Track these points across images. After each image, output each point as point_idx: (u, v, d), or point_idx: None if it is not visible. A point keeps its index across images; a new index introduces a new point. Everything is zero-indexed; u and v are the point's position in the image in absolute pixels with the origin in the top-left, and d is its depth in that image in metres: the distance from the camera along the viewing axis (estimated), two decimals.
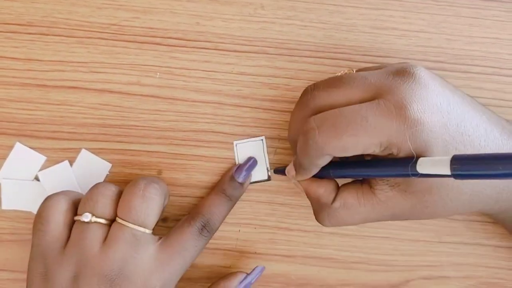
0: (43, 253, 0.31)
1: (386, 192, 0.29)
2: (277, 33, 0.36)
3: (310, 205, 0.34)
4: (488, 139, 0.28)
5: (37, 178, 0.36)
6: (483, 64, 0.37)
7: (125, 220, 0.31)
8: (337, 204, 0.31)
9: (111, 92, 0.36)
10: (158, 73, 0.36)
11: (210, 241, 0.36)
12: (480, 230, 0.37)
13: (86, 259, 0.30)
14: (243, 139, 0.36)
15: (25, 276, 0.36)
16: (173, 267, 0.32)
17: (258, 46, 0.36)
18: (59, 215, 0.31)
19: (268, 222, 0.37)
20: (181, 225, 0.33)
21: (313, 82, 0.35)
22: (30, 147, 0.36)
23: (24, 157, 0.36)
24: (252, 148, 0.37)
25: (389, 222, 0.37)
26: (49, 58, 0.36)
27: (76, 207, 0.32)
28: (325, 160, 0.29)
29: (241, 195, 0.36)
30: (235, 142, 0.36)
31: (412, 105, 0.27)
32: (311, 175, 0.31)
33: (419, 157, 0.26)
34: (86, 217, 0.31)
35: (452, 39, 0.37)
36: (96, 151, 0.36)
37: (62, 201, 0.32)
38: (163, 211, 0.33)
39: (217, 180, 0.37)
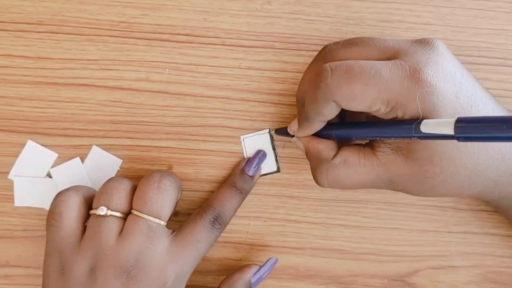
0: (58, 248, 0.31)
1: (388, 155, 0.29)
2: (283, 28, 0.37)
3: (319, 198, 0.34)
4: None
5: (49, 175, 0.37)
6: (489, 55, 0.37)
7: (140, 212, 0.31)
8: (337, 160, 0.31)
9: (121, 89, 0.36)
10: (167, 69, 0.36)
11: (221, 234, 0.36)
12: (487, 220, 0.37)
13: (102, 252, 0.31)
14: (250, 133, 0.37)
15: (38, 272, 0.37)
16: (187, 258, 0.32)
17: (265, 40, 0.37)
18: (72, 210, 0.32)
19: (278, 215, 0.37)
20: (194, 218, 0.33)
21: None
22: (42, 145, 0.37)
23: (36, 155, 0.37)
24: (259, 141, 0.37)
25: (398, 213, 0.37)
26: (59, 56, 0.36)
27: (87, 201, 0.33)
28: (331, 110, 0.29)
29: (252, 188, 0.37)
30: (242, 137, 0.37)
31: (427, 68, 0.27)
32: (314, 130, 0.31)
33: (424, 118, 0.26)
34: (102, 210, 0.31)
35: (458, 31, 0.37)
36: (107, 147, 0.37)
37: (74, 196, 0.32)
38: (176, 205, 0.34)
39: (226, 174, 0.37)
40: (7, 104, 0.36)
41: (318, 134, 0.32)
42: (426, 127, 0.26)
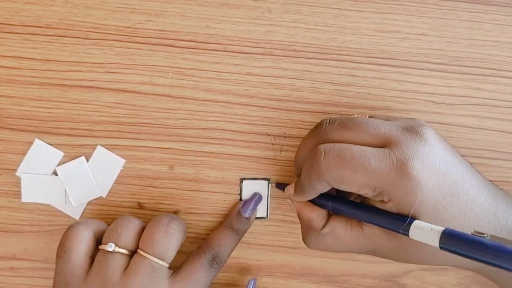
0: (65, 280, 0.33)
1: (373, 230, 0.32)
2: (283, 36, 0.38)
3: None
4: (474, 204, 0.30)
5: (55, 173, 0.38)
6: (482, 66, 0.38)
7: (146, 252, 0.33)
8: (325, 230, 0.33)
9: (126, 91, 0.38)
10: (169, 73, 0.38)
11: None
12: None
13: (106, 287, 0.32)
14: (251, 177, 0.38)
15: (43, 265, 0.39)
16: None
17: (265, 48, 0.38)
18: (81, 244, 0.34)
19: (274, 215, 0.39)
20: (192, 258, 0.35)
21: (319, 83, 0.37)
22: (49, 143, 0.38)
23: (42, 153, 0.38)
24: (257, 186, 0.39)
25: None
26: (66, 59, 0.37)
27: (97, 236, 0.35)
28: (322, 186, 0.32)
29: (248, 229, 0.38)
30: (241, 179, 0.38)
31: (414, 162, 0.29)
32: (308, 199, 0.34)
33: (409, 216, 0.29)
34: (110, 246, 0.33)
35: (453, 42, 0.38)
36: (110, 147, 0.38)
37: (84, 230, 0.34)
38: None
39: (226, 176, 0.38)
40: (16, 104, 0.38)
41: (312, 200, 0.34)
42: (414, 232, 0.28)
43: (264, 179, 0.38)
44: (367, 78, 0.38)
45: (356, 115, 0.33)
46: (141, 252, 0.33)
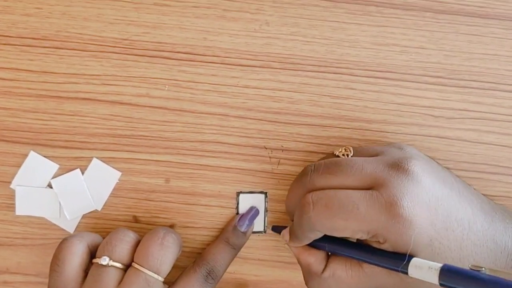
0: None
1: (373, 268, 0.31)
2: (281, 48, 0.38)
3: None
4: (470, 232, 0.30)
5: (50, 186, 0.38)
6: (481, 80, 0.38)
7: (141, 266, 0.32)
8: (326, 274, 0.33)
9: (122, 103, 0.37)
10: (166, 86, 0.37)
11: None
12: None
13: None
14: (247, 191, 0.38)
15: (36, 279, 0.38)
16: None
17: (263, 60, 0.38)
18: (75, 257, 0.33)
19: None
20: (187, 272, 0.35)
21: (317, 96, 0.37)
22: (44, 156, 0.38)
23: (37, 165, 0.38)
24: (254, 200, 0.38)
25: None
26: (63, 71, 0.37)
27: (91, 249, 0.34)
28: (316, 235, 0.32)
29: (244, 243, 0.38)
30: (238, 193, 0.38)
31: (403, 202, 0.29)
32: (303, 244, 0.34)
33: (406, 254, 0.29)
34: (104, 260, 0.32)
35: (451, 55, 0.38)
36: (106, 160, 0.38)
37: (78, 243, 0.34)
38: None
39: (222, 189, 0.38)
40: (11, 115, 0.37)
41: (310, 243, 0.34)
42: (413, 271, 0.28)
43: (261, 192, 0.38)
44: (364, 91, 0.38)
45: (339, 151, 0.33)
46: (136, 266, 0.32)
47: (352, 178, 0.31)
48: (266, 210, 0.38)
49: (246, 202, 0.38)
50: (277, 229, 0.37)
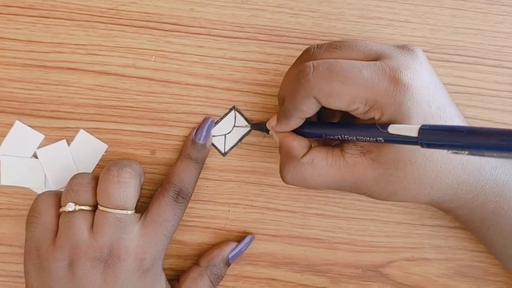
0: (36, 245, 0.33)
1: (355, 157, 0.30)
2: (267, 20, 0.38)
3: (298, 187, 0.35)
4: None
5: (35, 156, 0.38)
6: (465, 54, 0.38)
7: (106, 207, 0.32)
8: (305, 159, 0.32)
9: (108, 74, 0.37)
10: (153, 57, 0.38)
11: (200, 220, 0.37)
12: None
13: (77, 246, 0.32)
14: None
15: (21, 250, 0.37)
16: (158, 239, 0.33)
17: (249, 32, 0.38)
18: (50, 207, 0.33)
19: (257, 202, 0.38)
20: (157, 198, 0.34)
21: None
22: (29, 126, 0.37)
23: (23, 135, 0.37)
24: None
25: (374, 204, 0.38)
26: (49, 40, 0.37)
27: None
28: (310, 106, 0.30)
29: (206, 156, 0.37)
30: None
31: (406, 72, 0.28)
32: (291, 127, 0.32)
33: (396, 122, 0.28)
34: (70, 206, 0.32)
35: (436, 29, 0.38)
36: (92, 131, 0.38)
37: (52, 195, 0.34)
38: (141, 189, 0.35)
39: (207, 161, 0.38)
40: None
41: (294, 131, 0.33)
42: (393, 129, 0.27)
43: (232, 109, 0.38)
44: None
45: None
46: (101, 208, 0.32)
47: (357, 53, 0.30)
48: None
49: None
50: (258, 126, 0.37)
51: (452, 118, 0.30)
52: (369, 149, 0.30)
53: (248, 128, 0.38)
